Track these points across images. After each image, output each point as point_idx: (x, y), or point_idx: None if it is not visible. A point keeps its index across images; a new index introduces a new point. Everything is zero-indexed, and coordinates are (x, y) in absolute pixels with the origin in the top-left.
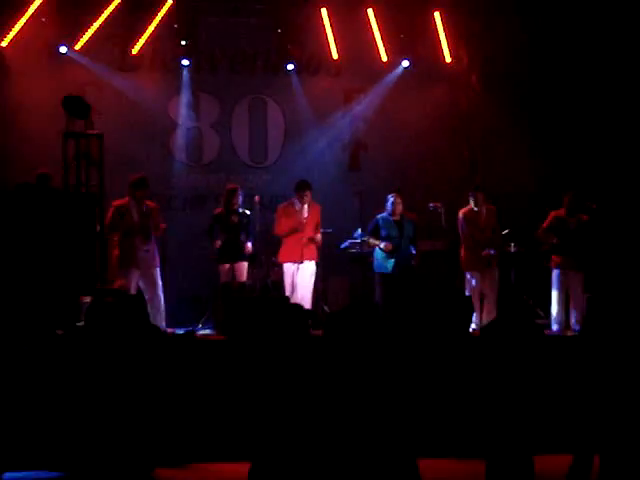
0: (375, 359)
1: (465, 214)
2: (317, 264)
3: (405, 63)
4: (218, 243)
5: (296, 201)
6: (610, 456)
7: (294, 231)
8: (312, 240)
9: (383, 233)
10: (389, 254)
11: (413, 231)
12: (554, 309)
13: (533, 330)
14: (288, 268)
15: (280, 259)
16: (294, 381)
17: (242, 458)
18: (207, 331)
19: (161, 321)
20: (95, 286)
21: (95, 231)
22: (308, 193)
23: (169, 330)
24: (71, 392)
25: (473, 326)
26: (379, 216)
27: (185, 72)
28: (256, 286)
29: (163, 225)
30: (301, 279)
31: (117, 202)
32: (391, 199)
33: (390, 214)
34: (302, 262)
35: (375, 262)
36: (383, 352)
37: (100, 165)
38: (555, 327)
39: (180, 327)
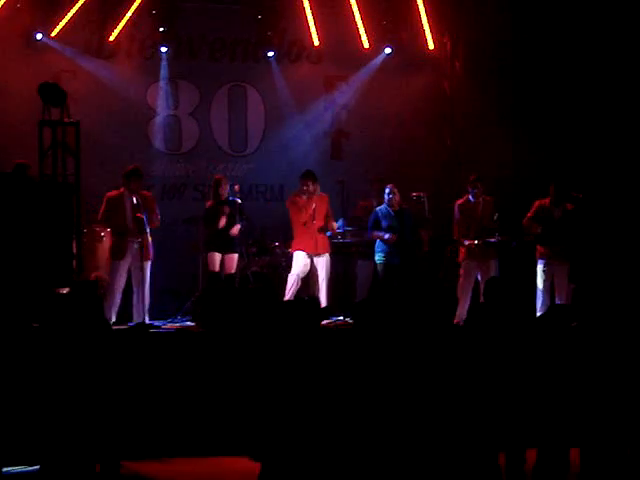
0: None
1: (461, 205)
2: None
3: (387, 50)
4: (237, 228)
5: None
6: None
7: (304, 223)
8: (324, 230)
9: (384, 224)
10: (392, 245)
11: (412, 221)
12: (539, 300)
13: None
14: (300, 255)
15: (293, 248)
16: (277, 375)
17: (218, 453)
18: (186, 323)
19: (144, 314)
20: (72, 278)
21: (72, 221)
22: (309, 183)
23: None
24: (35, 385)
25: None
26: (378, 208)
27: (164, 59)
28: (236, 277)
29: (156, 219)
30: (320, 272)
31: (111, 193)
32: (387, 190)
33: (388, 205)
34: (317, 255)
35: (377, 254)
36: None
37: (77, 154)
38: None
39: (160, 320)
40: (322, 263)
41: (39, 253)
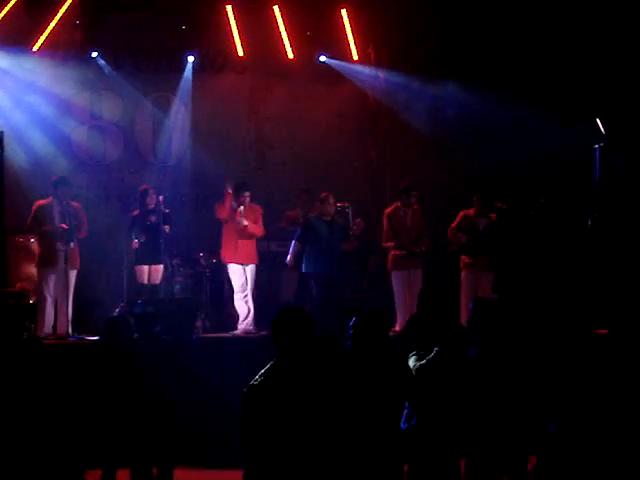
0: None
1: (390, 214)
2: (257, 267)
3: (323, 58)
4: (135, 243)
5: (234, 203)
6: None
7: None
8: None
9: (312, 232)
10: (319, 254)
11: (343, 231)
12: (463, 311)
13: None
14: (235, 268)
15: (225, 259)
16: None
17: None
18: None
19: (67, 325)
20: None
21: None
22: (247, 194)
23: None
24: None
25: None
26: (310, 215)
27: (88, 69)
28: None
29: (84, 229)
30: (249, 284)
31: (40, 202)
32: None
33: (321, 214)
34: (248, 264)
35: (305, 262)
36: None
37: (1, 164)
38: None
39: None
40: (250, 274)
41: None
